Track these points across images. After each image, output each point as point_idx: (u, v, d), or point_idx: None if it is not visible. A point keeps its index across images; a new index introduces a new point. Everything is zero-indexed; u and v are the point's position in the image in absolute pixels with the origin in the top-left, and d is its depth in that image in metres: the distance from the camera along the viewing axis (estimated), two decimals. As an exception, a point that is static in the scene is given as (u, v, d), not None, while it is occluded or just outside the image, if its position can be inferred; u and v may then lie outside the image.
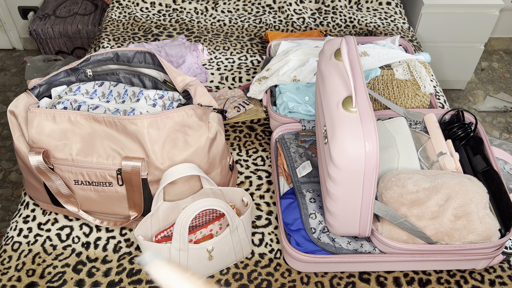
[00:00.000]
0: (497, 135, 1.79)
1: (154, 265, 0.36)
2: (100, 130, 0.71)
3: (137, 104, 0.76)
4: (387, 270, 0.75)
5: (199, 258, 0.69)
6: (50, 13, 1.90)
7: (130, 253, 0.78)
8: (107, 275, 0.75)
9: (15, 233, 0.81)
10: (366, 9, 1.48)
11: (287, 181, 0.85)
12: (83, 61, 0.79)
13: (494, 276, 0.75)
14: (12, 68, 2.16)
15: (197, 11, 1.45)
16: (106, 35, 1.34)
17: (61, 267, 0.76)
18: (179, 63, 1.16)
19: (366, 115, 0.61)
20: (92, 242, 0.80)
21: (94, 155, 0.71)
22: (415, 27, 1.63)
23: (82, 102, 0.77)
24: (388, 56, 0.97)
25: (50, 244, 0.79)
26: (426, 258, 0.71)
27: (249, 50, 1.28)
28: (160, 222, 0.74)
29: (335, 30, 1.39)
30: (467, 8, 1.57)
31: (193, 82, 0.78)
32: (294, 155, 0.86)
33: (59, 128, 0.71)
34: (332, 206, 0.67)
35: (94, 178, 0.72)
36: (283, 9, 1.45)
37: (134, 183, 0.71)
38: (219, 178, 0.79)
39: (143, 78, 0.82)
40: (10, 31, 2.22)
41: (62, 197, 0.75)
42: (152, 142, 0.69)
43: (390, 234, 0.71)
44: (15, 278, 0.74)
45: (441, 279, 0.75)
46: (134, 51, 0.81)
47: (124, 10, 1.45)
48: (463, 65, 1.77)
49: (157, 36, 1.34)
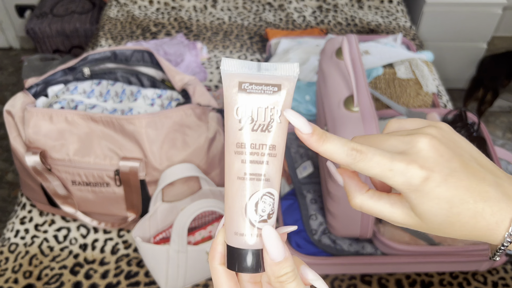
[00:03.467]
0: (500, 135, 1.78)
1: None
2: (97, 130, 0.69)
3: (135, 104, 0.75)
4: (389, 272, 0.74)
5: (198, 260, 0.68)
6: (47, 11, 1.89)
7: (128, 255, 0.77)
8: (105, 277, 0.74)
9: (12, 234, 0.80)
10: (367, 7, 1.47)
11: (287, 182, 0.84)
12: (81, 60, 0.78)
13: (497, 277, 0.74)
14: (9, 67, 2.15)
15: (196, 9, 1.44)
16: (104, 34, 1.32)
17: (59, 269, 0.75)
18: (177, 62, 1.14)
19: (368, 114, 0.60)
20: (90, 244, 0.79)
21: (91, 156, 0.70)
22: (417, 26, 1.62)
23: (79, 102, 0.76)
24: (390, 55, 0.96)
25: (47, 246, 0.78)
26: (428, 260, 0.70)
27: (248, 49, 1.27)
28: (159, 223, 0.73)
29: (336, 28, 1.38)
30: (470, 7, 1.56)
31: (192, 81, 0.77)
32: (294, 155, 0.85)
33: (56, 128, 0.70)
34: (333, 207, 0.66)
35: (91, 178, 0.71)
36: (283, 7, 1.44)
37: (132, 184, 0.70)
38: (219, 179, 0.78)
39: (141, 77, 0.81)
40: (6, 29, 2.21)
41: (59, 198, 0.74)
42: (150, 142, 0.68)
43: (392, 235, 0.70)
44: (12, 280, 0.73)
45: (444, 281, 0.74)
46: (132, 50, 0.80)
47: (122, 8, 1.44)
48: (466, 64, 1.76)
49: (156, 34, 1.32)
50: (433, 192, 0.24)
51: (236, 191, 0.26)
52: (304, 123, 0.25)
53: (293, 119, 0.25)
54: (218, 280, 0.27)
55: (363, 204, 0.27)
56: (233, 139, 0.26)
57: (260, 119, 0.25)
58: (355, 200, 0.27)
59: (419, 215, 0.25)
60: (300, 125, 0.25)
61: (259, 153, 0.25)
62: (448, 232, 0.25)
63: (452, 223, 0.25)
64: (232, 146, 0.26)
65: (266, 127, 0.25)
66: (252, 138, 0.25)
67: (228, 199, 0.26)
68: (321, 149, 0.26)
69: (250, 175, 0.25)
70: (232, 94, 0.26)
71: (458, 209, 0.24)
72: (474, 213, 0.24)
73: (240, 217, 0.26)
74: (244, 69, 0.26)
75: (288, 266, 0.25)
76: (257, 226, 0.26)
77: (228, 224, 0.26)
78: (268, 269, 0.25)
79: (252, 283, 0.28)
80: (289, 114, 0.25)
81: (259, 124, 0.25)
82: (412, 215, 0.26)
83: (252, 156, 0.25)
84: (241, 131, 0.25)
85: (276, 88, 0.26)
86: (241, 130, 0.25)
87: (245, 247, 0.26)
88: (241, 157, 0.26)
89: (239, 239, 0.26)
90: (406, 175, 0.24)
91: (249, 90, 0.25)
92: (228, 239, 0.26)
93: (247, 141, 0.25)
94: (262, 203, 0.26)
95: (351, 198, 0.28)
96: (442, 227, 0.25)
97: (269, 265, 0.25)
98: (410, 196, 0.25)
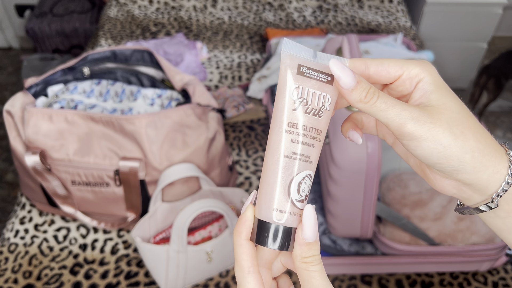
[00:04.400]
0: (500, 134, 1.78)
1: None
2: (97, 130, 0.69)
3: (134, 104, 0.74)
4: (389, 272, 0.74)
5: (198, 260, 0.68)
6: (47, 11, 1.89)
7: (128, 255, 0.77)
8: (105, 277, 0.74)
9: (11, 234, 0.80)
10: (367, 7, 1.47)
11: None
12: (80, 60, 0.78)
13: (498, 278, 0.74)
14: (8, 67, 2.15)
15: (196, 9, 1.44)
16: (104, 34, 1.32)
17: (58, 269, 0.75)
18: (177, 62, 1.14)
19: (369, 115, 0.59)
20: (89, 244, 0.78)
21: (91, 155, 0.70)
22: (417, 26, 1.62)
23: (79, 102, 0.75)
24: (390, 54, 0.96)
25: (47, 246, 0.78)
26: (428, 260, 0.70)
27: (248, 49, 1.26)
28: (159, 223, 0.73)
29: (336, 28, 1.37)
30: (470, 7, 1.55)
31: (192, 81, 0.77)
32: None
33: (56, 128, 0.70)
34: (333, 207, 0.66)
35: (91, 178, 0.71)
36: (283, 6, 1.43)
37: (132, 184, 0.70)
38: (219, 179, 0.78)
39: (141, 77, 0.80)
40: (6, 29, 2.21)
41: (59, 198, 0.74)
42: (150, 142, 0.67)
43: (392, 235, 0.70)
44: (12, 280, 0.73)
45: (444, 281, 0.74)
46: (132, 49, 0.80)
47: (121, 8, 1.44)
48: (466, 64, 1.76)
49: (155, 34, 1.32)
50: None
51: (281, 169, 0.26)
52: (347, 75, 0.25)
53: (335, 69, 0.25)
54: (241, 256, 0.27)
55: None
56: (285, 118, 0.26)
57: (314, 104, 0.26)
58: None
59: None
60: (341, 77, 0.25)
61: (309, 135, 0.26)
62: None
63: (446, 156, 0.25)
64: (282, 125, 0.26)
65: (317, 111, 0.27)
66: (304, 120, 0.26)
67: (270, 175, 0.27)
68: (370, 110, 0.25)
69: (299, 155, 0.26)
70: (291, 75, 0.26)
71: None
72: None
73: (282, 194, 0.26)
74: (302, 53, 0.27)
75: (317, 249, 0.26)
76: (297, 205, 0.26)
77: (265, 200, 0.27)
78: (297, 247, 0.26)
79: (265, 269, 0.29)
80: (332, 63, 0.25)
81: (312, 107, 0.26)
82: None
83: (303, 137, 0.26)
84: (295, 111, 0.26)
85: (330, 78, 0.27)
86: (295, 110, 0.26)
87: (280, 223, 0.26)
88: (292, 137, 0.26)
89: (276, 215, 0.26)
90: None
91: (306, 74, 0.26)
92: (263, 214, 0.27)
93: (299, 122, 0.26)
94: (303, 183, 0.26)
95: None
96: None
97: (299, 244, 0.26)
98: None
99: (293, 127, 0.26)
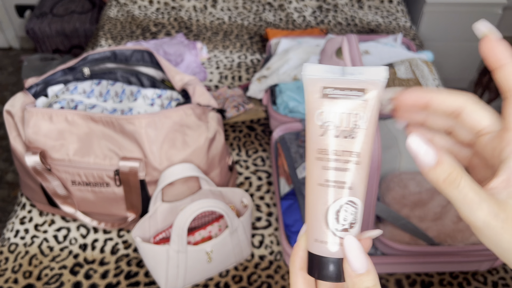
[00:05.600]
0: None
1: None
2: (97, 130, 0.69)
3: (134, 104, 0.74)
4: (389, 272, 0.74)
5: (198, 260, 0.68)
6: (47, 11, 1.89)
7: (128, 255, 0.77)
8: (105, 277, 0.74)
9: (11, 234, 0.80)
10: (367, 7, 1.47)
11: (287, 182, 0.84)
12: (80, 60, 0.78)
13: (497, 277, 0.74)
14: (8, 67, 2.15)
15: (196, 9, 1.44)
16: (104, 34, 1.32)
17: (58, 269, 0.75)
18: (177, 62, 1.14)
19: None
20: (90, 244, 0.79)
21: (91, 156, 0.70)
22: (417, 26, 1.62)
23: (79, 102, 0.76)
24: (390, 54, 0.96)
25: (47, 246, 0.78)
26: (428, 260, 0.70)
27: (248, 49, 1.27)
28: (159, 223, 0.73)
29: (336, 28, 1.37)
30: (470, 7, 1.56)
31: (192, 81, 0.77)
32: (294, 155, 0.85)
33: (56, 128, 0.70)
34: (333, 207, 0.66)
35: (91, 178, 0.71)
36: (283, 7, 1.44)
37: (132, 184, 0.70)
38: (219, 179, 0.78)
39: (141, 77, 0.81)
40: (6, 29, 2.21)
41: (59, 198, 0.74)
42: (150, 142, 0.68)
43: (392, 235, 0.70)
44: (12, 280, 0.73)
45: (444, 281, 0.74)
46: (132, 49, 0.80)
47: (122, 8, 1.44)
48: (466, 64, 1.76)
49: (155, 34, 1.32)
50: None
51: (316, 198, 0.25)
52: (427, 152, 0.22)
53: (414, 146, 0.23)
54: (295, 285, 0.26)
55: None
56: (315, 145, 0.25)
57: (343, 125, 0.25)
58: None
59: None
60: (421, 153, 0.22)
61: (341, 160, 0.25)
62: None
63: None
64: (313, 153, 0.25)
65: (349, 133, 0.25)
66: (334, 144, 0.25)
67: (309, 205, 0.26)
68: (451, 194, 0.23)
69: (331, 182, 0.25)
70: (314, 100, 0.25)
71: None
72: None
73: (321, 224, 0.25)
74: (327, 74, 0.25)
75: (371, 279, 0.24)
76: (338, 235, 0.25)
77: (309, 231, 0.26)
78: (348, 280, 0.24)
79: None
80: (411, 141, 0.23)
81: (342, 130, 0.25)
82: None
83: (335, 162, 0.25)
84: (322, 136, 0.25)
85: (361, 93, 0.24)
86: (322, 136, 0.25)
87: (326, 255, 0.25)
88: (322, 164, 0.25)
89: (320, 246, 0.25)
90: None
91: (331, 95, 0.25)
92: (309, 245, 0.26)
93: (329, 147, 0.25)
94: (343, 211, 0.25)
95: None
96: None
97: (349, 276, 0.24)
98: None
99: (323, 153, 0.25)
